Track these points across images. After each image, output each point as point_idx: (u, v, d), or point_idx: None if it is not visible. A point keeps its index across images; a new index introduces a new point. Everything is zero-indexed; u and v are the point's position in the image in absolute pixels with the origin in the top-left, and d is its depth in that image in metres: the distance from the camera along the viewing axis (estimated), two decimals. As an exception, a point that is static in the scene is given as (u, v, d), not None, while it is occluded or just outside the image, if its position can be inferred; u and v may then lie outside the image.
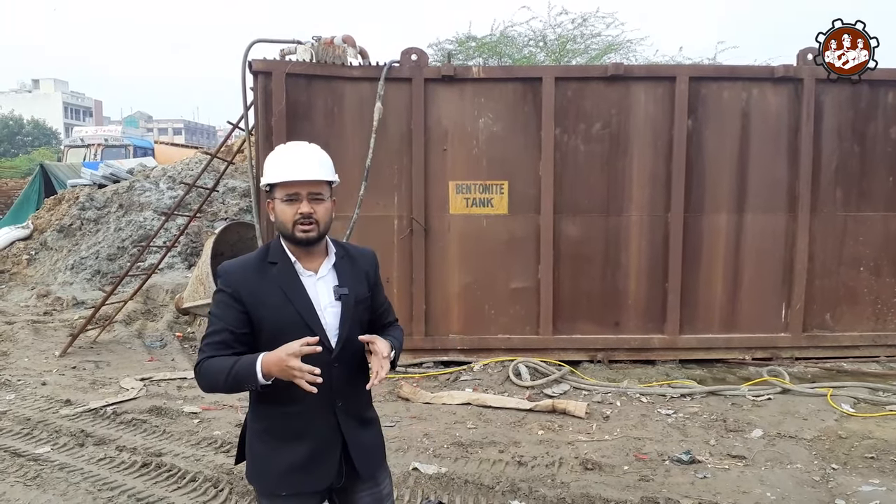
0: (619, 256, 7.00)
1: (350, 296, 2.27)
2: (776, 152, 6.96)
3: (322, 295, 2.25)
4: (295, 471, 2.22)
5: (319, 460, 2.24)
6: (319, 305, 2.22)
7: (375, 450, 2.41)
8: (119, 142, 22.87)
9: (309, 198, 2.20)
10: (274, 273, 2.22)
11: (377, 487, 2.39)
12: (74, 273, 10.87)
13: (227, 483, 4.31)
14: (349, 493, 2.35)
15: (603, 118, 6.91)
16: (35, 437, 5.20)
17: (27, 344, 7.93)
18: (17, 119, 57.16)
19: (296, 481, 2.23)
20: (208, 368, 2.14)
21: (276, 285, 2.20)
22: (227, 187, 11.93)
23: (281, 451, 2.23)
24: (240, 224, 9.43)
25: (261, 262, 2.25)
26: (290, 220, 2.19)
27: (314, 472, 2.24)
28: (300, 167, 2.20)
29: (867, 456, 4.72)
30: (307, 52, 6.80)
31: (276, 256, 2.25)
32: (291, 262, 2.24)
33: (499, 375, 6.53)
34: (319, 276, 2.26)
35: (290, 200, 2.19)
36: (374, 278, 2.41)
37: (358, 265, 2.36)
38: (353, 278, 2.31)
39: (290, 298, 2.19)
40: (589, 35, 16.60)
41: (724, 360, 7.06)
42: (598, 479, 4.39)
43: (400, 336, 2.46)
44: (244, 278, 2.21)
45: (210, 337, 2.19)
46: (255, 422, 2.29)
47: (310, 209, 2.18)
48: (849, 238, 7.06)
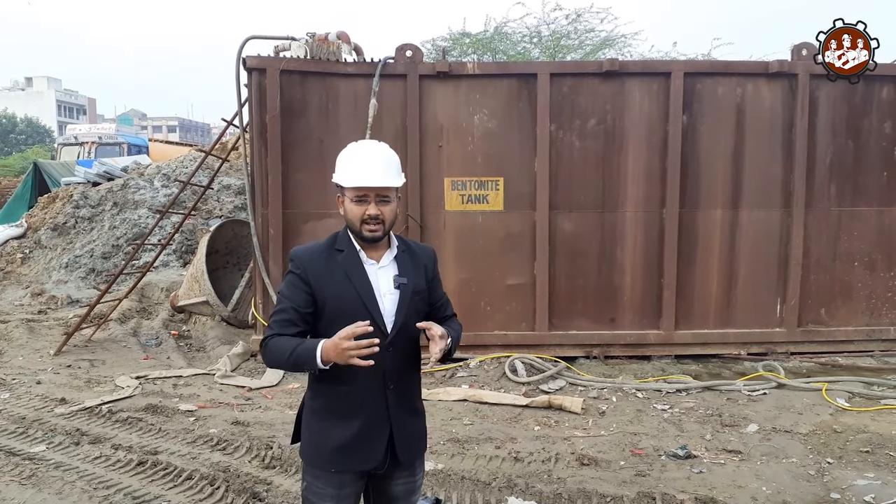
0: (614, 252, 7.01)
1: (408, 285, 2.40)
2: (771, 148, 6.97)
3: (382, 282, 2.39)
4: (345, 449, 2.35)
5: (368, 440, 2.36)
6: (379, 291, 2.37)
7: (418, 439, 2.51)
8: (113, 139, 22.78)
9: (376, 200, 2.33)
10: (340, 259, 2.38)
11: (413, 478, 2.51)
12: (69, 271, 10.83)
13: (224, 481, 4.30)
14: (385, 480, 2.46)
15: (598, 114, 6.91)
16: (30, 435, 5.18)
17: (22, 343, 7.90)
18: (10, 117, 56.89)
19: (345, 459, 2.35)
20: (273, 346, 2.29)
21: (342, 270, 2.36)
22: (221, 185, 11.89)
23: (334, 428, 2.36)
24: (235, 222, 9.40)
25: (329, 249, 2.41)
26: (357, 219, 2.34)
27: (362, 452, 2.36)
28: (370, 173, 2.32)
29: (862, 450, 4.74)
30: (301, 49, 6.78)
31: (342, 245, 2.41)
32: (356, 250, 2.40)
33: (495, 372, 6.54)
34: (381, 266, 2.41)
35: (360, 201, 2.34)
36: (432, 273, 2.55)
37: (418, 259, 2.50)
38: (413, 270, 2.45)
39: (353, 283, 2.35)
40: (583, 31, 16.59)
41: (719, 355, 7.08)
42: (594, 475, 4.39)
43: (458, 329, 2.57)
44: (312, 261, 2.37)
45: (277, 315, 2.35)
46: (313, 399, 2.43)
47: (377, 211, 2.33)
48: (843, 233, 7.08)
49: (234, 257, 9.30)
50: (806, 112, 6.85)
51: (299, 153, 6.84)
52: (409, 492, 2.51)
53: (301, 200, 6.90)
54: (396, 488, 2.48)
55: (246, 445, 4.89)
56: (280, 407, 5.84)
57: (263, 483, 4.29)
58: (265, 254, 6.95)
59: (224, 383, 6.51)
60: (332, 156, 2.49)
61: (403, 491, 2.49)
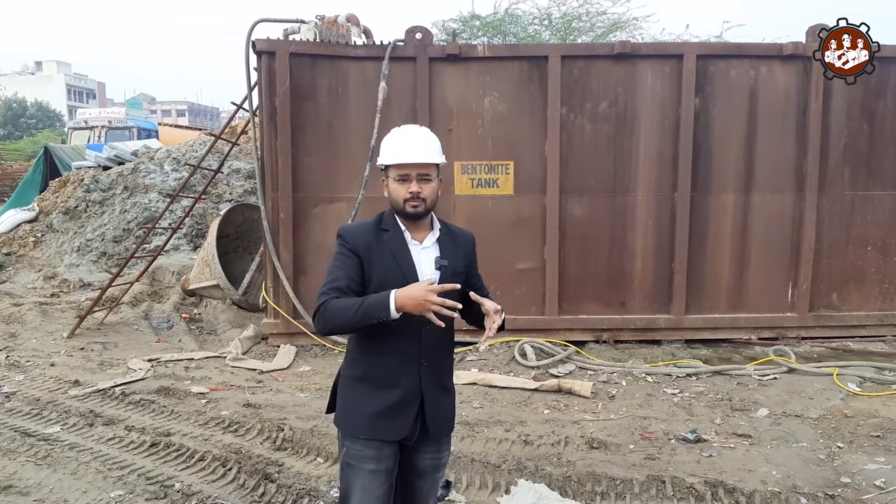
0: (625, 236, 6.98)
1: (449, 267, 2.52)
2: (784, 131, 6.90)
3: (425, 263, 2.52)
4: (379, 417, 2.47)
5: (401, 410, 2.48)
6: (422, 271, 2.49)
7: (447, 416, 2.64)
8: (123, 124, 22.76)
9: (418, 178, 2.46)
10: (386, 239, 2.50)
11: (439, 454, 2.63)
12: (80, 255, 10.89)
13: (236, 462, 4.34)
14: (414, 453, 2.58)
15: (609, 97, 6.85)
16: (45, 417, 5.23)
17: (35, 326, 7.98)
18: (20, 101, 56.99)
19: (379, 427, 2.47)
20: (336, 305, 2.37)
21: (388, 249, 2.48)
22: (231, 169, 11.90)
23: (370, 397, 2.49)
24: (245, 206, 9.41)
25: (375, 228, 2.53)
26: (401, 197, 2.46)
27: (394, 421, 2.48)
28: (411, 151, 2.46)
29: (873, 434, 4.73)
30: (311, 32, 6.75)
31: (388, 225, 2.53)
32: (402, 230, 2.52)
33: (504, 356, 6.55)
34: (424, 247, 2.54)
35: (402, 180, 2.46)
36: (471, 256, 2.68)
37: (459, 242, 2.63)
38: (454, 253, 2.58)
39: (398, 262, 2.48)
40: (594, 13, 16.47)
41: (729, 339, 7.05)
42: (603, 458, 4.41)
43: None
44: (361, 238, 2.49)
45: (331, 283, 2.43)
46: (350, 368, 2.57)
47: (418, 188, 2.45)
48: (856, 217, 7.01)
49: (245, 241, 9.33)
50: (820, 95, 6.76)
51: (309, 136, 6.83)
52: (435, 468, 2.64)
53: (311, 184, 6.90)
54: (424, 462, 2.60)
55: (257, 427, 4.93)
56: (291, 389, 5.88)
57: (275, 464, 4.33)
58: (275, 237, 6.97)
59: (235, 366, 6.56)
60: (342, 139, 2.52)
61: (430, 466, 2.62)
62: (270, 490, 4.04)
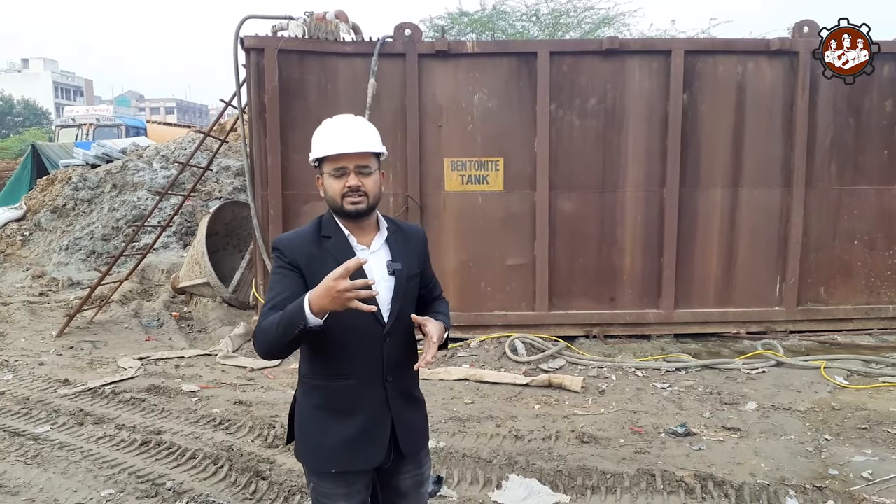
0: (614, 232, 7.01)
1: (403, 271, 2.27)
2: (771, 126, 6.95)
3: (376, 269, 2.23)
4: (346, 447, 2.20)
5: (370, 437, 2.23)
6: (373, 280, 2.15)
7: (420, 429, 2.40)
8: (111, 121, 22.60)
9: (356, 170, 2.20)
10: (328, 247, 2.21)
11: (419, 469, 2.40)
12: (69, 254, 10.84)
13: (227, 460, 4.34)
14: (392, 475, 2.35)
15: (598, 93, 6.87)
16: (34, 416, 5.21)
17: (24, 325, 7.94)
18: (6, 99, 56.55)
19: (347, 458, 2.21)
20: (262, 325, 2.10)
21: (332, 258, 2.15)
22: (220, 166, 11.87)
23: (333, 426, 2.21)
24: (234, 203, 9.39)
25: (315, 235, 2.25)
26: (338, 193, 2.20)
27: (365, 450, 2.22)
28: (346, 140, 2.21)
29: (860, 427, 4.78)
30: (299, 28, 6.73)
31: (329, 230, 2.25)
32: (345, 235, 2.24)
33: (495, 351, 6.57)
34: (372, 251, 2.26)
35: (338, 175, 2.20)
36: (424, 255, 2.42)
37: (410, 241, 2.37)
38: (406, 254, 2.31)
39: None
40: (582, 9, 16.49)
41: (718, 334, 7.10)
42: (594, 452, 4.43)
43: (447, 311, 2.46)
44: (301, 249, 2.20)
45: (270, 302, 2.14)
46: (307, 396, 2.28)
47: (357, 182, 2.19)
48: (843, 212, 7.07)
49: (234, 239, 9.31)
50: (807, 90, 6.81)
51: (298, 133, 6.81)
52: (418, 484, 2.41)
53: (300, 181, 6.89)
54: (405, 482, 2.37)
55: (249, 425, 4.93)
56: (282, 387, 5.88)
57: (266, 462, 4.33)
58: (265, 235, 6.95)
59: (226, 364, 6.55)
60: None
61: (412, 484, 2.39)
62: (262, 487, 4.04)
